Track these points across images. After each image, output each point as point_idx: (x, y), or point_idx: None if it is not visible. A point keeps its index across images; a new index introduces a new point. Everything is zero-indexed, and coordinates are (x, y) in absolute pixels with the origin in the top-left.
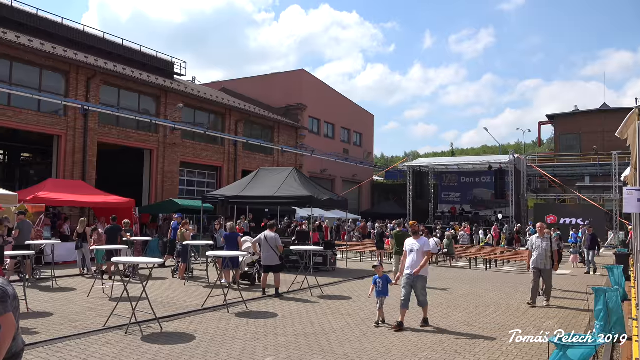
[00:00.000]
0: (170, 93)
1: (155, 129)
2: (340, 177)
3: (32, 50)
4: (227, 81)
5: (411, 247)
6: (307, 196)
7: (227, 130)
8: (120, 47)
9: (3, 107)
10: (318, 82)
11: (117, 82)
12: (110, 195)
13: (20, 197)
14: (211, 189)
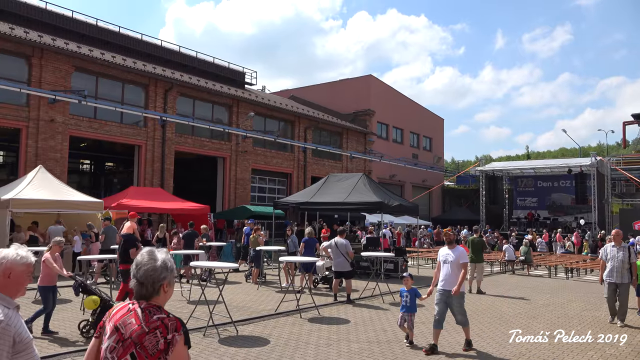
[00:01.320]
0: (242, 102)
1: (228, 137)
2: (409, 182)
3: (115, 65)
4: (295, 89)
5: (445, 258)
6: (377, 202)
7: (296, 137)
8: (194, 59)
9: (90, 120)
10: (386, 87)
11: (192, 93)
12: (186, 202)
13: (105, 204)
14: (282, 195)
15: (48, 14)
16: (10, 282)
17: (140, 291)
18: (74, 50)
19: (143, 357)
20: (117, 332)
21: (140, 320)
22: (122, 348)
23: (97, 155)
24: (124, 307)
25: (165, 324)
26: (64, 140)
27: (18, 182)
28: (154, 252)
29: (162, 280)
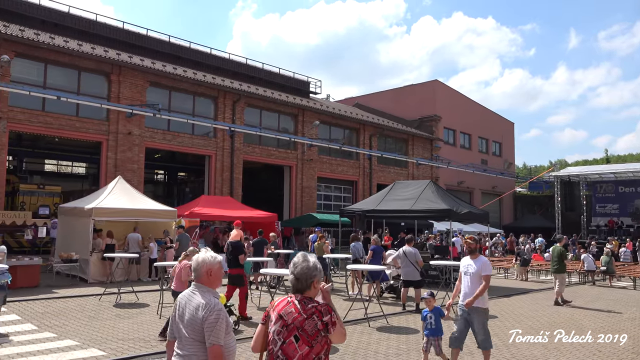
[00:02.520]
0: (307, 111)
1: (294, 146)
2: (478, 189)
3: (187, 79)
4: (360, 96)
5: (466, 269)
6: (446, 209)
7: (361, 145)
8: (261, 70)
9: (164, 132)
10: (452, 92)
11: (258, 103)
12: (255, 210)
13: (178, 213)
14: (347, 203)
15: (125, 32)
16: (211, 278)
17: (296, 285)
18: (149, 66)
19: (304, 337)
20: (282, 319)
21: (299, 309)
22: (286, 331)
23: (170, 165)
24: (284, 299)
25: (320, 310)
26: (140, 151)
27: (99, 192)
28: (306, 255)
29: (313, 278)
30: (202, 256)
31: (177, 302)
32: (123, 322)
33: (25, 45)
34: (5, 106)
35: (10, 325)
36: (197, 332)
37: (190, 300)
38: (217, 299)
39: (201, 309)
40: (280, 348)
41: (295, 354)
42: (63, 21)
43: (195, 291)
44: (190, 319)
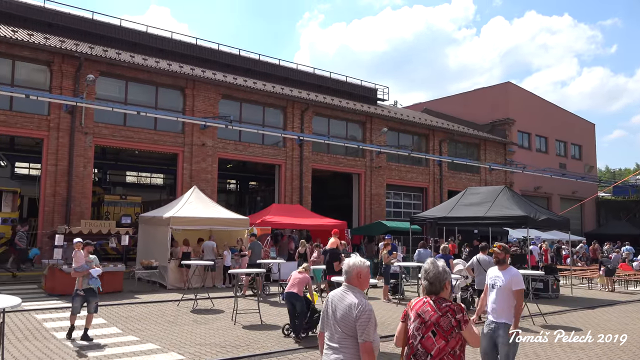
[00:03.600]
0: (375, 118)
1: (362, 153)
2: (557, 194)
3: (257, 90)
4: (428, 102)
5: (493, 282)
6: (522, 216)
7: (431, 151)
8: (328, 79)
9: (235, 143)
10: (526, 94)
11: (326, 112)
12: (324, 218)
13: (250, 221)
14: (417, 210)
15: (199, 48)
16: (361, 280)
17: (430, 288)
18: (221, 80)
19: (441, 332)
20: (420, 317)
21: (434, 307)
22: (424, 327)
23: (241, 175)
24: (420, 300)
25: (453, 309)
26: (214, 162)
27: (176, 201)
28: (435, 261)
29: (445, 280)
30: (353, 260)
31: (329, 300)
32: (200, 328)
33: (108, 65)
34: (91, 122)
35: (97, 329)
36: (349, 328)
37: (343, 299)
38: (367, 300)
39: (354, 308)
40: (419, 342)
41: (433, 347)
42: (141, 40)
43: (346, 291)
44: (342, 316)
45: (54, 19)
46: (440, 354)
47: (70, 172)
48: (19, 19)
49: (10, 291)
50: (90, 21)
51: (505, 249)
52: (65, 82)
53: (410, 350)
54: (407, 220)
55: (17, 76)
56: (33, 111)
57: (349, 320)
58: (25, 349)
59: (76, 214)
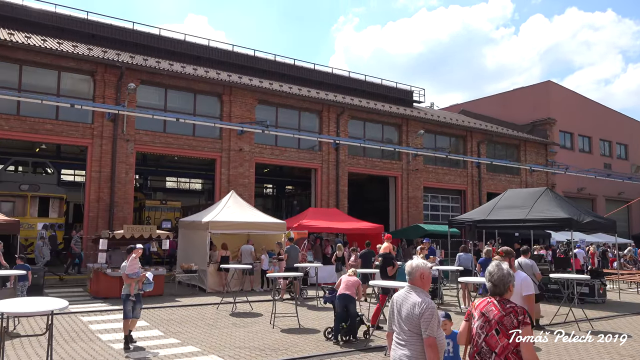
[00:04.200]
0: (411, 120)
1: (399, 156)
2: (602, 195)
3: (292, 95)
4: (465, 103)
5: None
6: (566, 218)
7: (468, 153)
8: (363, 82)
9: (272, 147)
10: (568, 93)
11: (362, 115)
12: (361, 222)
13: (287, 225)
14: (456, 213)
15: (235, 55)
16: (424, 281)
17: (495, 290)
18: (257, 85)
19: (504, 330)
20: (484, 316)
21: (498, 308)
22: (488, 326)
23: (278, 179)
24: (483, 300)
25: (516, 310)
26: (251, 167)
27: (215, 206)
28: (500, 264)
29: (509, 283)
30: (416, 262)
31: (394, 301)
32: (239, 331)
33: (148, 73)
34: (133, 129)
35: (140, 331)
36: (414, 326)
37: (406, 299)
38: (430, 298)
39: (417, 306)
40: (483, 340)
41: (497, 345)
42: (180, 48)
43: (410, 291)
44: (407, 315)
45: (96, 30)
46: (504, 352)
47: (113, 178)
48: (64, 31)
49: (57, 294)
50: (130, 31)
51: (509, 252)
52: (107, 91)
53: (475, 349)
54: (445, 223)
55: (62, 86)
56: (78, 120)
57: (414, 318)
58: (72, 350)
59: (119, 219)
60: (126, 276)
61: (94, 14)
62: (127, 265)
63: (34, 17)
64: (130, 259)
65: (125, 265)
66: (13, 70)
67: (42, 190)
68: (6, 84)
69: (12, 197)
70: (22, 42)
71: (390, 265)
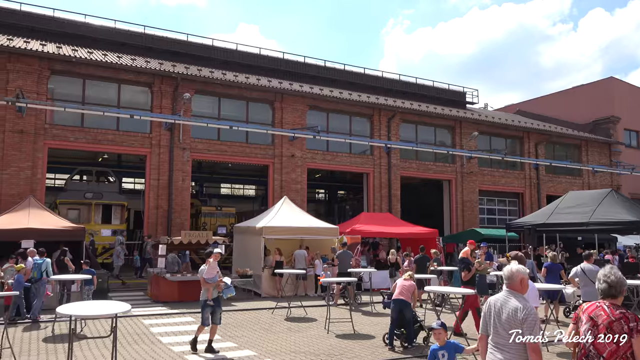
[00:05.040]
0: (464, 122)
1: (452, 159)
2: None
3: (343, 100)
4: (521, 103)
5: None
6: (632, 221)
7: (526, 154)
8: (414, 85)
9: (323, 153)
10: (632, 89)
11: (413, 118)
12: (414, 226)
13: (340, 230)
14: (513, 217)
15: (285, 62)
16: (522, 286)
17: (609, 292)
18: (308, 91)
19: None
20: (592, 320)
21: (608, 312)
22: (596, 329)
23: (330, 184)
24: (592, 304)
25: (627, 316)
26: (303, 172)
27: (268, 211)
28: (614, 267)
29: (624, 286)
30: (516, 267)
31: (491, 304)
32: (294, 336)
33: (202, 83)
34: (189, 138)
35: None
36: (514, 329)
37: (506, 303)
38: (529, 303)
39: (520, 311)
40: (591, 344)
41: (605, 349)
42: (232, 58)
43: (509, 296)
44: (507, 319)
45: (153, 43)
46: (612, 356)
47: (171, 185)
48: (123, 45)
49: (120, 297)
50: (185, 43)
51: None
52: (164, 101)
53: (582, 352)
54: (502, 227)
55: (122, 98)
56: (137, 130)
57: (515, 323)
58: (134, 352)
59: (177, 225)
60: (204, 280)
61: (151, 28)
62: (205, 269)
63: (95, 34)
64: (208, 263)
65: (204, 269)
66: (77, 85)
67: (105, 198)
68: (71, 97)
69: (78, 205)
70: (85, 57)
71: (466, 270)
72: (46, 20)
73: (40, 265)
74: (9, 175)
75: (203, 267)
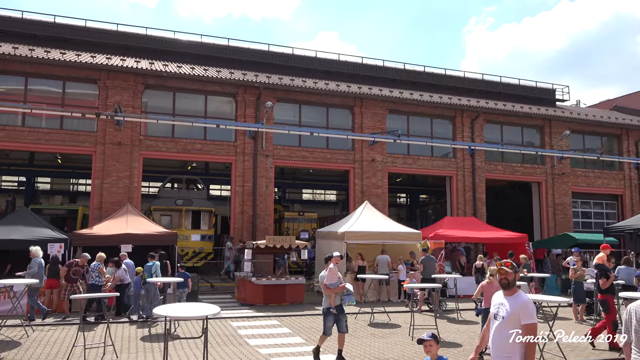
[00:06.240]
0: (554, 121)
1: (542, 160)
2: None
3: (424, 103)
4: (618, 98)
5: (496, 311)
6: None
7: (624, 153)
8: (498, 84)
9: (404, 156)
10: None
11: (498, 118)
12: (501, 231)
13: (422, 235)
14: (612, 220)
15: (364, 67)
16: None
17: None
18: (387, 95)
19: None
20: None
21: None
22: None
23: (411, 188)
24: None
25: None
26: (383, 177)
27: (350, 216)
28: None
29: None
30: None
31: (632, 311)
32: (378, 341)
33: (284, 91)
34: (271, 145)
35: (284, 337)
36: None
37: None
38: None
39: None
40: None
41: None
42: (311, 65)
43: None
44: None
45: (236, 54)
46: None
47: (255, 191)
48: (209, 58)
49: (209, 300)
50: (266, 53)
51: (514, 267)
52: (247, 110)
53: None
54: (599, 231)
55: (209, 109)
56: (223, 139)
57: None
58: (223, 353)
59: (261, 230)
60: (325, 286)
61: (234, 40)
62: (325, 275)
63: (183, 48)
64: (328, 268)
65: (324, 274)
66: (168, 97)
67: (194, 204)
68: (163, 110)
69: (170, 211)
70: (175, 71)
71: (603, 277)
72: (139, 39)
73: (151, 268)
74: (109, 184)
75: (323, 272)
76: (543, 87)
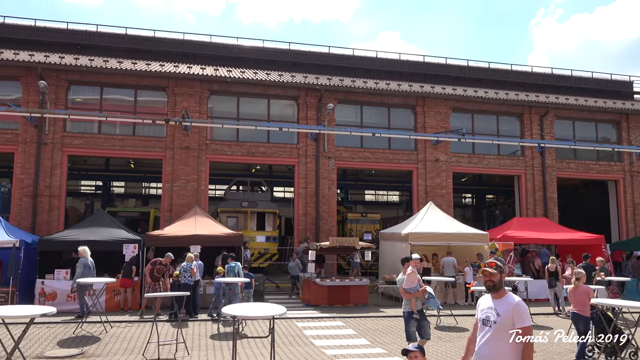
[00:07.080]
0: (632, 115)
1: (619, 157)
2: None
3: (488, 100)
4: None
5: (485, 316)
6: None
7: None
8: (569, 78)
9: (469, 156)
10: None
11: (569, 114)
12: (575, 232)
13: (490, 236)
14: None
15: (426, 65)
16: None
17: None
18: (450, 93)
19: None
20: None
21: None
22: None
23: (477, 188)
24: None
25: None
26: (448, 177)
27: (413, 217)
28: None
29: None
30: None
31: None
32: (444, 345)
33: (345, 93)
34: (333, 147)
35: (349, 339)
36: None
37: None
38: None
39: None
40: None
41: None
42: (372, 66)
43: None
44: None
45: (297, 58)
46: None
47: (317, 193)
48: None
49: (275, 300)
50: (327, 55)
51: (500, 267)
52: (309, 112)
53: None
54: None
55: (271, 112)
56: (285, 141)
57: None
58: (289, 352)
59: (324, 232)
60: (404, 291)
61: (295, 44)
62: (404, 279)
63: (246, 54)
64: (407, 271)
65: (402, 278)
66: (232, 102)
67: (259, 206)
68: (227, 114)
69: (236, 213)
70: (239, 77)
71: None
72: (204, 46)
73: (234, 268)
74: (178, 187)
75: (401, 276)
76: (619, 79)
